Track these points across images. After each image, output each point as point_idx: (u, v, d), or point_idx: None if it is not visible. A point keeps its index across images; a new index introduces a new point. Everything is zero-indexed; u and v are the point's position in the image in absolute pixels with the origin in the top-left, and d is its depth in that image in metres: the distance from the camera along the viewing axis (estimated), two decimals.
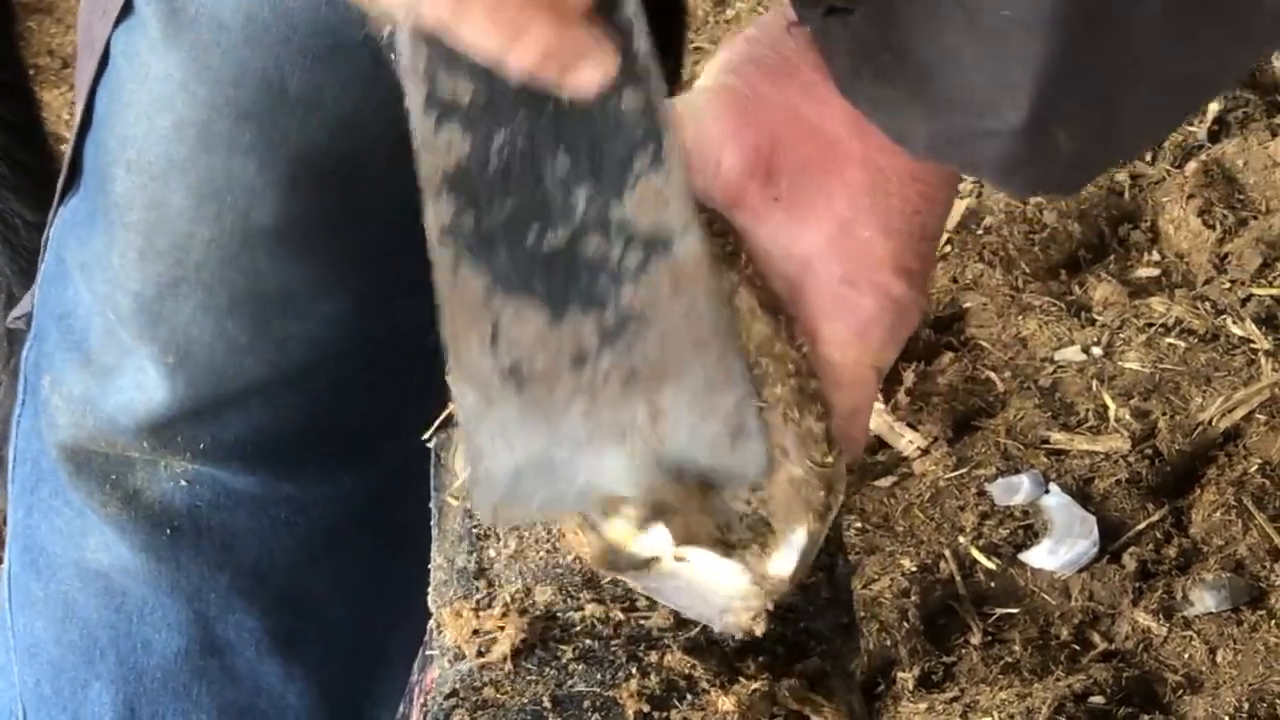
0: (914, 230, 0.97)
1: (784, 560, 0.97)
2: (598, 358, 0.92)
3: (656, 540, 0.97)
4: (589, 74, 0.86)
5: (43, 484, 1.40)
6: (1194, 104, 1.00)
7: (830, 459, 0.96)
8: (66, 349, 1.37)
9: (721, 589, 0.98)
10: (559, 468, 0.94)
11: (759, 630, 0.99)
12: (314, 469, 1.38)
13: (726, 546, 0.97)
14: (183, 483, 1.36)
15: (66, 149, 1.36)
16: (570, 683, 1.01)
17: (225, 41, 1.23)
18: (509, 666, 1.02)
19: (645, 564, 0.98)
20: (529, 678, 1.02)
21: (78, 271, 1.35)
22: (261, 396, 1.33)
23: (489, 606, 1.04)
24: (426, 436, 1.05)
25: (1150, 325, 2.68)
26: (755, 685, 0.99)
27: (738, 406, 0.95)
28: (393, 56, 0.99)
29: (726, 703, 0.99)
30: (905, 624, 2.26)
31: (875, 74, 0.91)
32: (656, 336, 0.92)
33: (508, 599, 1.04)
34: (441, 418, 1.04)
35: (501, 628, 1.03)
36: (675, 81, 0.92)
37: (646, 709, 0.99)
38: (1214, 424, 2.53)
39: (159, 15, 1.25)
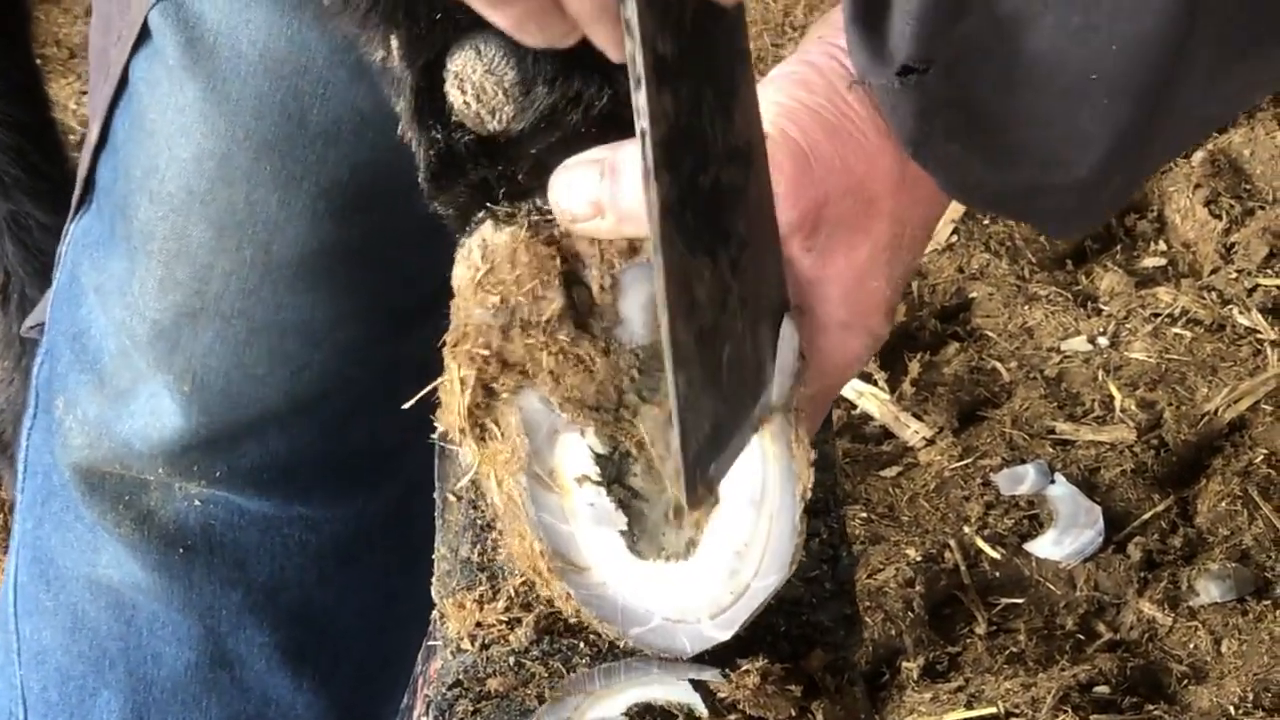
0: (905, 275, 1.01)
1: None
2: (731, 293, 0.92)
3: (601, 540, 0.98)
4: None
5: (54, 498, 1.40)
6: (1199, 139, 1.07)
7: None
8: (80, 370, 1.37)
9: (644, 604, 1.00)
10: (724, 427, 0.94)
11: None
12: (327, 490, 1.38)
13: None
14: (196, 503, 1.36)
15: (80, 165, 1.36)
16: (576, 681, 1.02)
17: (244, 72, 1.23)
18: (513, 660, 1.02)
19: (579, 570, 0.99)
20: (533, 670, 1.02)
21: (93, 294, 1.35)
22: (277, 424, 1.34)
23: (493, 599, 1.04)
24: (435, 435, 1.06)
25: (1156, 315, 2.68)
26: (759, 679, 1.00)
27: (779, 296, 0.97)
28: (388, 91, 0.99)
29: (732, 696, 0.99)
30: (910, 614, 2.26)
31: (945, 131, 0.93)
32: (751, 254, 0.93)
33: (512, 593, 1.04)
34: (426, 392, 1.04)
35: (505, 622, 1.04)
36: None
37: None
38: (1220, 414, 2.53)
39: (177, 44, 1.24)
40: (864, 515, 2.41)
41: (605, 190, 0.95)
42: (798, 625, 1.07)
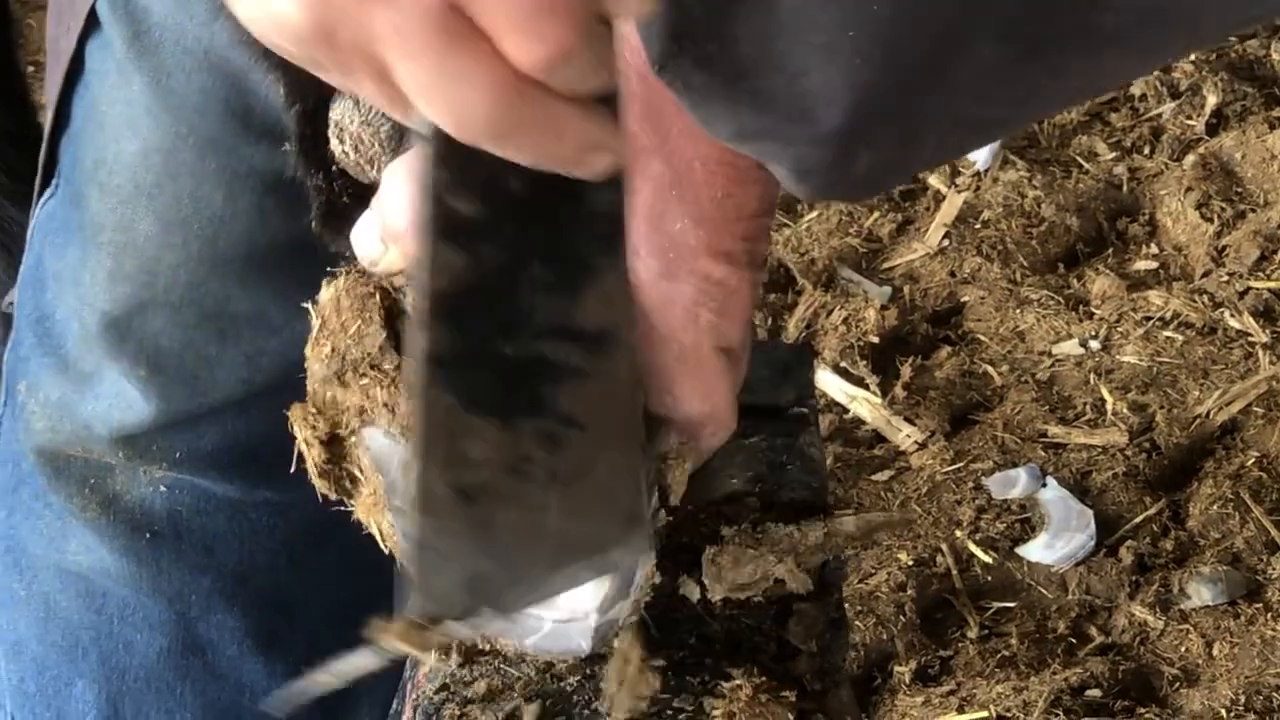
0: (727, 213, 0.97)
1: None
2: (532, 463, 0.91)
3: None
4: (605, 162, 0.83)
5: (23, 486, 1.41)
6: (986, 141, 1.03)
7: None
8: (43, 354, 1.37)
9: (534, 612, 1.00)
10: (490, 580, 0.93)
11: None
12: (292, 474, 1.38)
13: None
14: (162, 488, 1.36)
15: (41, 150, 1.37)
16: (561, 685, 1.02)
17: (188, 67, 1.23)
18: (498, 664, 1.02)
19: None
20: (519, 674, 1.02)
21: (53, 280, 1.35)
22: (236, 408, 1.34)
23: None
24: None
25: (1148, 318, 2.69)
26: (745, 685, 1.00)
27: (632, 498, 0.95)
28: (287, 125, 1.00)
29: (716, 705, 1.00)
30: (902, 618, 2.27)
31: (695, 59, 0.91)
32: (581, 436, 0.92)
33: None
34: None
35: None
36: None
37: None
38: (1211, 417, 2.53)
39: (123, 36, 1.25)
40: None
41: (374, 241, 0.96)
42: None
